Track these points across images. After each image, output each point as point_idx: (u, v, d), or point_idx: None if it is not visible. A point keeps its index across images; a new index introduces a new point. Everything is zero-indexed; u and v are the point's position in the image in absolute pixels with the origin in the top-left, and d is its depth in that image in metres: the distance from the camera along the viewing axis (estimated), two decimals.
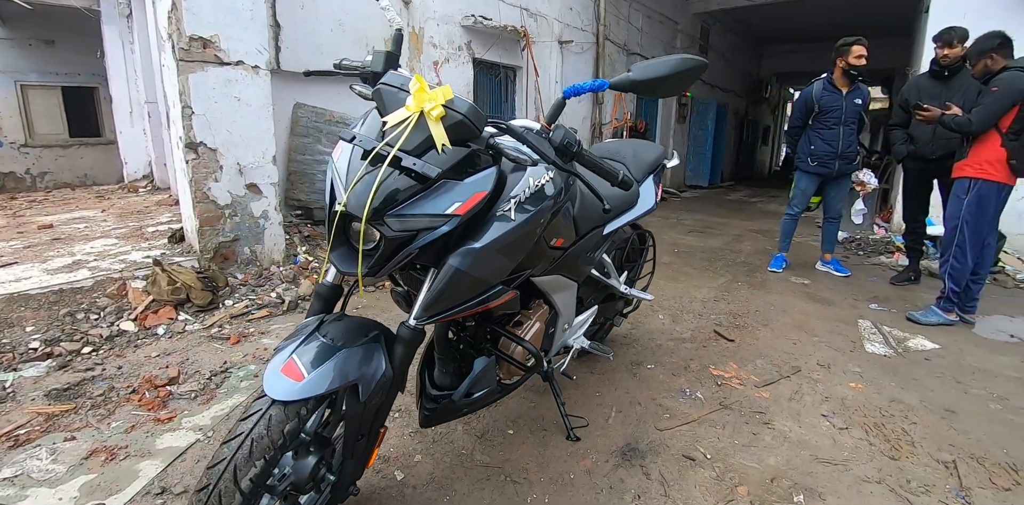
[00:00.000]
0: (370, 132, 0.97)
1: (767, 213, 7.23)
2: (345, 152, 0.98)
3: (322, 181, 3.79)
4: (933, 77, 3.04)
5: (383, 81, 1.00)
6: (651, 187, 1.93)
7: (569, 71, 5.65)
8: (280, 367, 0.88)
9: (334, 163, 0.99)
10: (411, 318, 1.02)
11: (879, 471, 1.60)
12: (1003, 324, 2.91)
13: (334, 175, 0.97)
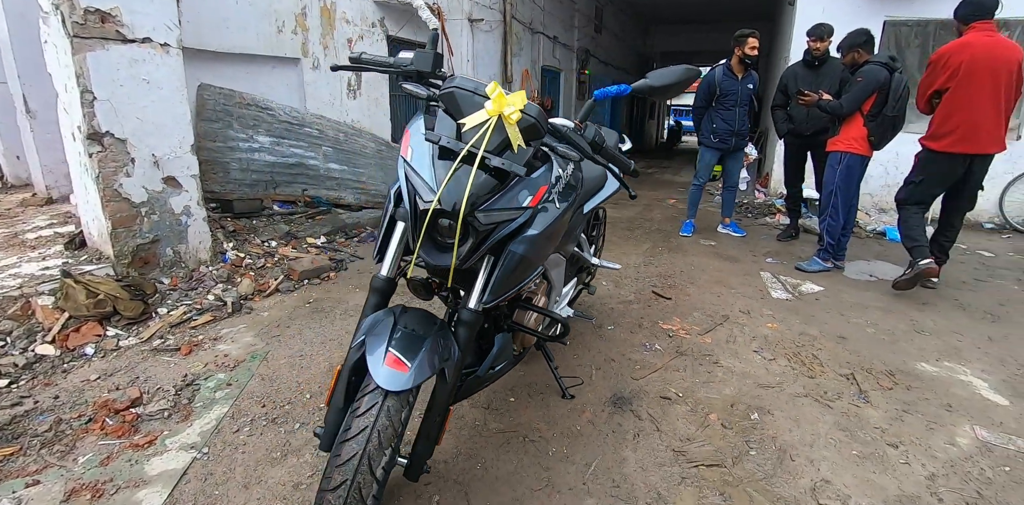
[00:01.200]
0: (447, 132, 1.03)
1: (666, 182, 8.04)
2: (421, 151, 1.03)
3: (238, 169, 3.50)
4: (806, 66, 3.66)
5: (456, 85, 1.05)
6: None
7: (480, 49, 5.68)
8: (383, 361, 0.92)
9: (409, 162, 1.03)
10: (473, 302, 1.10)
11: (804, 388, 2.05)
12: (863, 267, 3.70)
13: (412, 174, 1.01)
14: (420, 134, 1.05)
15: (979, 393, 2.07)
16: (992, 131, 2.82)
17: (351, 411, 0.93)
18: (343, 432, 0.91)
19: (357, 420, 0.90)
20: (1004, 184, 5.07)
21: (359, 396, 0.94)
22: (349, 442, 0.89)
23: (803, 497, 1.46)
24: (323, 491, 0.89)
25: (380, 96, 4.52)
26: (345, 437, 0.89)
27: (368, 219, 4.24)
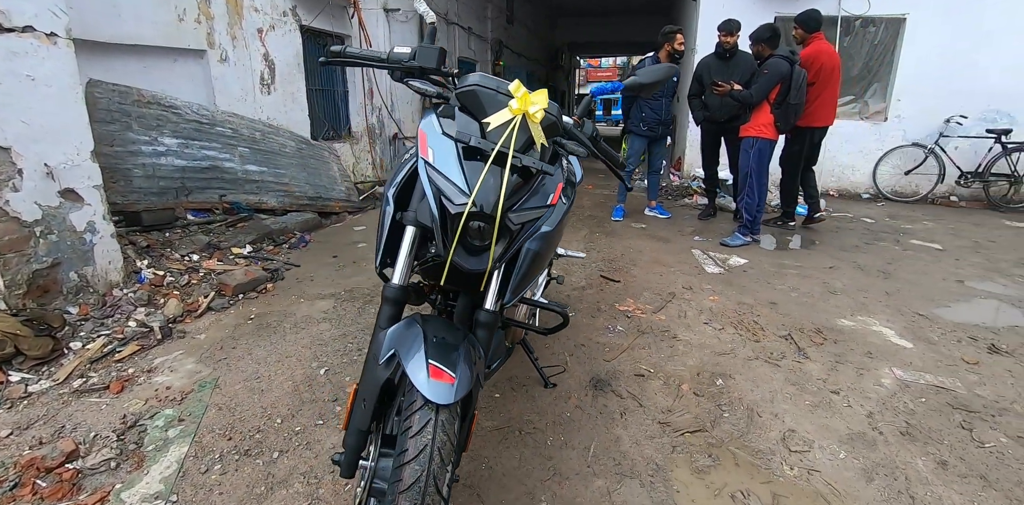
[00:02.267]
0: (469, 131, 1.00)
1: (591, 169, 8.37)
2: (444, 151, 0.99)
3: (142, 177, 3.12)
4: (718, 58, 3.99)
5: (478, 83, 1.02)
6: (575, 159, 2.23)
7: (397, 40, 5.49)
8: (427, 374, 0.87)
9: (432, 164, 0.98)
10: (490, 303, 1.08)
11: (753, 351, 2.29)
12: (777, 238, 4.16)
13: (436, 176, 0.97)
14: (438, 134, 1.01)
15: (890, 340, 2.44)
16: (832, 111, 3.95)
17: (403, 432, 0.87)
18: (399, 456, 0.85)
19: (413, 441, 0.85)
20: (875, 159, 5.92)
21: (407, 415, 0.87)
22: (410, 465, 0.83)
23: (776, 448, 1.65)
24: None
25: (296, 91, 4.23)
26: (403, 460, 0.84)
27: (296, 223, 3.98)
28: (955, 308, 2.88)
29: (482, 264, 0.99)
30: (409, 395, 0.89)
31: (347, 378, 1.99)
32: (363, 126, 5.35)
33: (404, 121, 6.07)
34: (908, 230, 4.67)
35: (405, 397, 0.91)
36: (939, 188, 5.81)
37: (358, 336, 2.34)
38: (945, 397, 1.98)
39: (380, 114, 5.55)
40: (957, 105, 5.51)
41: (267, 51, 3.80)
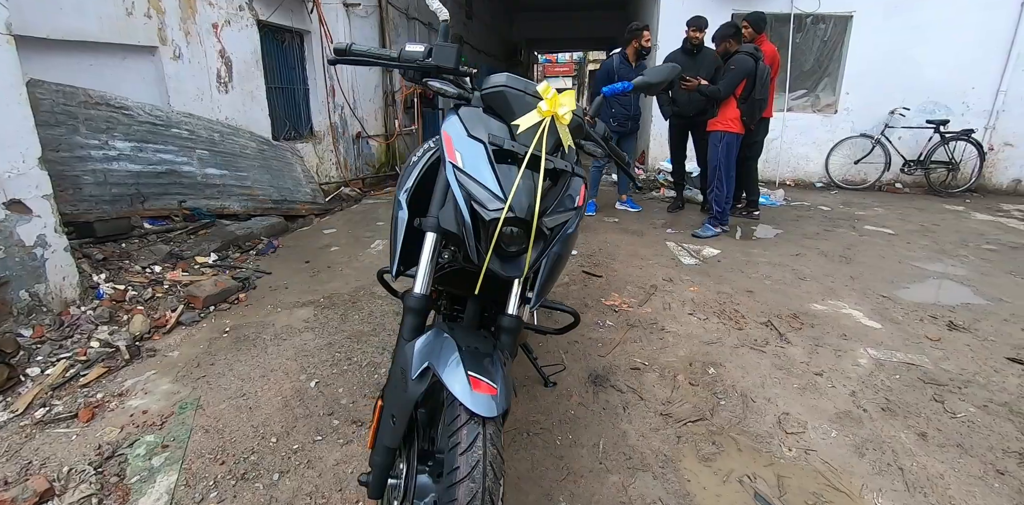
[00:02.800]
0: (496, 133, 0.97)
1: None
2: (474, 155, 0.95)
3: (93, 184, 2.92)
4: (685, 53, 4.09)
5: (506, 84, 1.00)
6: None
7: (357, 37, 5.33)
8: (470, 388, 0.84)
9: (462, 168, 0.94)
10: (513, 308, 1.05)
11: (738, 339, 2.37)
12: (744, 229, 4.32)
13: (468, 181, 0.93)
14: (464, 137, 0.98)
15: (860, 322, 2.58)
16: (771, 105, 4.17)
17: (451, 449, 0.83)
18: (450, 474, 0.81)
19: (464, 457, 0.82)
20: (827, 150, 6.24)
21: (452, 430, 0.84)
22: (464, 482, 0.80)
23: (774, 431, 1.72)
24: None
25: (255, 89, 4.04)
26: (455, 478, 0.80)
27: (262, 228, 3.82)
28: (913, 289, 3.09)
29: (517, 270, 0.96)
30: (450, 409, 0.86)
31: (339, 389, 1.92)
32: (325, 125, 5.18)
33: (367, 119, 5.92)
34: (861, 216, 4.96)
35: (445, 412, 0.87)
36: (886, 176, 6.20)
37: (345, 345, 2.27)
38: (916, 373, 2.12)
39: (343, 112, 5.39)
40: (900, 98, 5.89)
41: (223, 47, 3.60)
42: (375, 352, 2.20)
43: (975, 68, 5.74)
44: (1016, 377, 2.11)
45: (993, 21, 5.60)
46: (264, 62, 4.06)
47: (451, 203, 1.00)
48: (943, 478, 1.53)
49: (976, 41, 5.68)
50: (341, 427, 1.71)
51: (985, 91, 5.80)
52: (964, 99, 5.85)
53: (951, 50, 5.71)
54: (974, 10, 5.60)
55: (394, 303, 2.69)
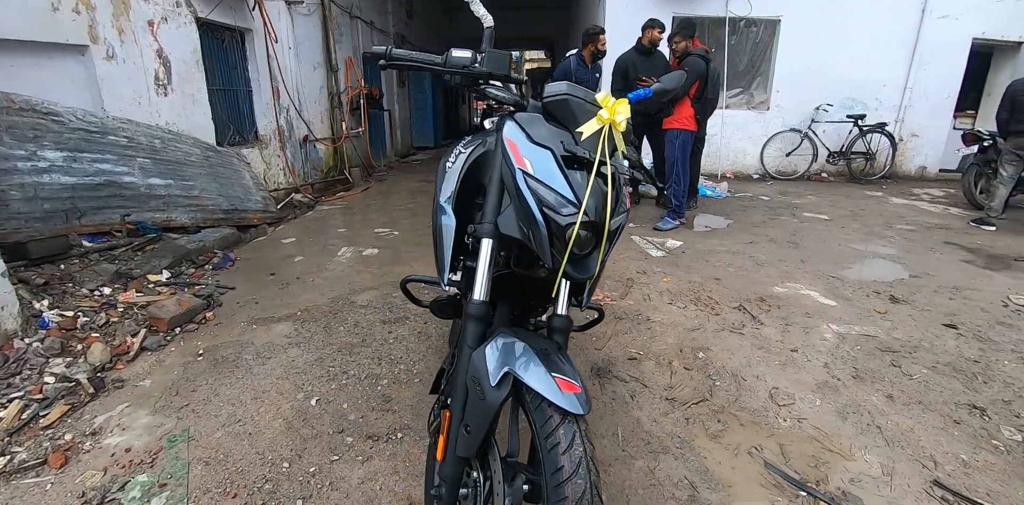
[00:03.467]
0: (561, 140, 1.00)
1: None
2: (543, 161, 0.97)
3: (21, 199, 2.66)
4: (640, 53, 4.28)
5: (569, 93, 1.02)
6: None
7: (301, 35, 5.13)
8: (559, 389, 0.86)
9: (533, 175, 0.96)
10: (562, 308, 1.08)
11: (718, 324, 2.54)
12: (699, 220, 4.59)
13: (540, 187, 0.95)
14: (528, 143, 1.00)
15: (818, 301, 2.84)
16: None
17: (551, 449, 0.84)
18: (555, 473, 0.82)
19: (566, 456, 0.83)
20: (761, 144, 6.74)
21: (547, 432, 0.85)
22: (572, 480, 0.82)
23: (768, 405, 1.87)
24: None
25: (197, 91, 3.79)
26: (561, 478, 0.82)
27: (214, 240, 3.60)
28: (855, 268, 3.43)
29: (587, 271, 0.99)
30: (539, 412, 0.87)
31: (344, 405, 1.87)
32: (271, 129, 4.94)
33: (314, 122, 5.71)
34: (798, 204, 5.42)
35: (534, 415, 0.88)
36: (813, 166, 6.79)
37: (337, 358, 2.20)
38: (873, 343, 2.37)
39: (288, 115, 5.16)
40: (824, 95, 6.48)
41: (161, 46, 3.35)
42: (371, 364, 2.15)
43: (885, 68, 6.44)
44: (953, 340, 2.41)
45: (899, 26, 6.32)
46: (205, 63, 3.81)
47: (510, 209, 1.02)
48: (913, 432, 1.74)
49: (886, 44, 6.37)
50: (356, 444, 1.67)
51: (894, 88, 6.52)
52: (877, 95, 6.53)
53: (865, 52, 6.36)
54: (884, 17, 6.28)
55: (379, 312, 2.64)
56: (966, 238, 4.24)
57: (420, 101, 10.30)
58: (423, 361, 2.17)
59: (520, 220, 0.99)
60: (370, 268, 3.33)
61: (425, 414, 1.80)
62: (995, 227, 4.49)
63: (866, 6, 6.20)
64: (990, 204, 4.59)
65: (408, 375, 2.07)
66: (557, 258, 0.94)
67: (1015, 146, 4.35)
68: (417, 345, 2.30)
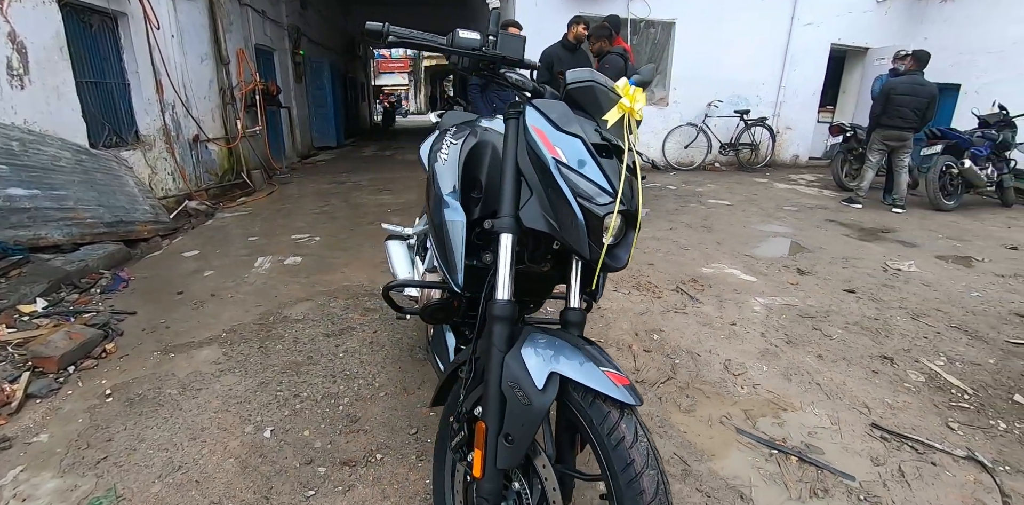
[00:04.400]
0: (585, 128, 0.96)
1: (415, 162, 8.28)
2: (575, 150, 0.93)
3: None
4: (565, 48, 4.39)
5: (593, 80, 0.99)
6: None
7: (186, 23, 4.56)
8: (613, 383, 0.84)
9: (567, 164, 0.92)
10: (575, 302, 1.05)
11: (662, 306, 2.70)
12: None
13: (575, 176, 0.91)
14: (555, 131, 0.95)
15: (741, 278, 3.14)
16: None
17: (616, 445, 0.82)
18: (626, 469, 0.80)
19: (634, 449, 0.81)
20: (663, 137, 7.27)
21: (609, 428, 0.83)
22: (646, 473, 0.80)
23: (726, 375, 2.04)
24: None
25: (62, 84, 3.22)
26: (634, 473, 0.80)
27: (97, 259, 3.11)
28: (763, 247, 3.84)
29: (619, 261, 0.96)
30: (595, 409, 0.84)
31: (305, 432, 1.69)
32: (155, 128, 4.37)
33: (204, 120, 5.14)
34: (701, 192, 5.93)
35: (589, 412, 0.85)
36: (708, 157, 7.47)
37: (283, 381, 1.99)
38: (795, 311, 2.67)
39: (175, 112, 4.60)
40: (714, 92, 7.15)
41: (13, 29, 2.79)
42: (324, 382, 1.98)
43: (764, 68, 7.27)
44: (854, 303, 2.80)
45: (774, 32, 7.16)
46: (70, 50, 3.25)
47: (533, 201, 0.97)
48: (845, 384, 1.99)
49: (764, 47, 7.20)
50: (331, 473, 1.51)
51: (771, 86, 7.38)
52: (758, 92, 7.35)
53: (747, 53, 7.12)
54: (761, 23, 7.07)
55: (319, 325, 2.45)
56: (841, 215, 4.94)
57: (320, 98, 9.72)
58: (383, 373, 2.04)
59: (546, 212, 0.95)
60: (297, 278, 3.08)
61: (400, 428, 1.70)
62: (862, 205, 5.27)
63: (747, 12, 6.94)
64: (859, 185, 5.37)
65: (370, 389, 1.94)
66: (595, 249, 0.92)
67: (883, 137, 5.12)
68: (372, 356, 2.17)
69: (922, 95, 4.83)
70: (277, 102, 7.18)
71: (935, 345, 2.33)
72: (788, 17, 7.04)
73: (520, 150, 1.00)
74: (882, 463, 1.56)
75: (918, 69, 4.95)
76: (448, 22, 12.48)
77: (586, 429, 0.86)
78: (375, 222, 4.36)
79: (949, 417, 1.81)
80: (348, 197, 5.49)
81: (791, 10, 6.99)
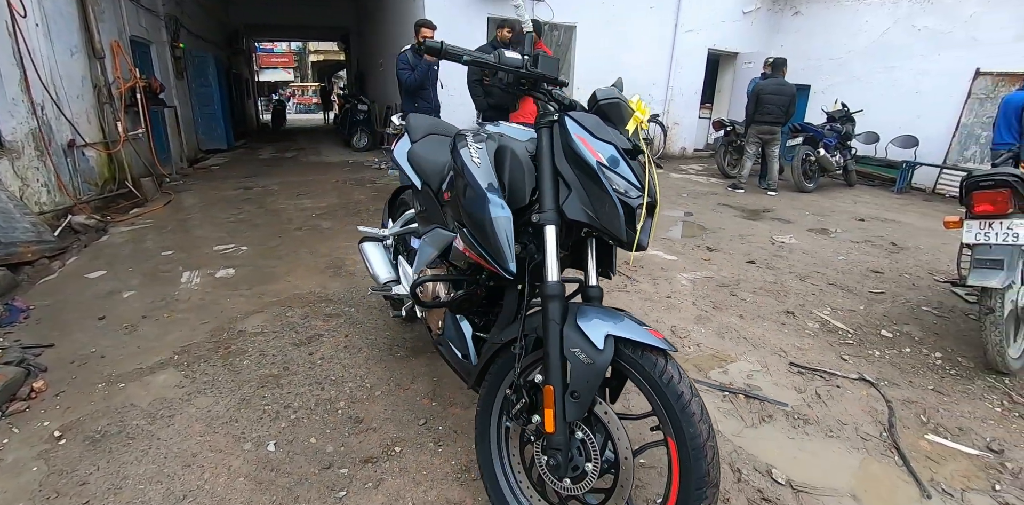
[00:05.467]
0: (613, 136, 1.15)
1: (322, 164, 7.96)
2: (612, 154, 1.11)
3: None
4: (495, 49, 4.54)
5: (619, 97, 1.18)
6: None
7: (52, 11, 3.99)
8: (653, 335, 1.04)
9: (607, 164, 1.10)
10: (594, 279, 1.23)
11: (606, 287, 3.03)
12: None
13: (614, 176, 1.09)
14: (593, 139, 1.13)
15: (664, 258, 3.58)
16: None
17: (668, 383, 1.00)
18: (679, 400, 0.98)
19: (681, 384, 1.01)
20: None
21: (661, 371, 1.01)
22: (695, 399, 1.00)
23: (674, 339, 2.38)
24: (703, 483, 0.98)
25: None
26: (686, 401, 1.00)
27: None
28: (675, 230, 4.37)
29: (644, 243, 1.14)
30: (647, 358, 1.03)
31: (311, 440, 1.67)
32: (23, 132, 3.82)
33: (80, 122, 4.57)
34: None
35: (641, 362, 1.04)
36: None
37: (265, 395, 1.91)
38: (714, 281, 3.14)
39: (45, 113, 4.04)
40: None
41: None
42: (312, 390, 1.95)
43: (655, 69, 8.05)
44: (756, 271, 3.34)
45: (662, 36, 7.95)
46: None
47: (575, 196, 1.14)
48: (764, 336, 2.44)
49: (655, 49, 7.98)
50: (355, 472, 1.54)
51: (661, 86, 8.21)
52: (651, 92, 8.13)
53: (641, 55, 7.84)
54: (651, 28, 7.84)
55: (282, 335, 2.37)
56: (730, 199, 5.71)
57: (205, 95, 8.90)
58: (370, 374, 2.06)
59: (585, 205, 1.13)
60: (238, 291, 2.93)
61: (409, 421, 1.78)
62: (744, 190, 6.13)
63: (638, 19, 7.66)
64: (740, 173, 6.23)
65: (364, 391, 1.95)
66: (630, 234, 1.11)
67: (757, 132, 5.99)
68: (352, 360, 2.17)
69: (785, 94, 5.76)
70: (161, 101, 6.52)
71: (821, 299, 2.91)
72: (672, 24, 7.88)
73: (557, 153, 1.17)
74: (803, 391, 1.98)
75: (778, 73, 5.88)
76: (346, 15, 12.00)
77: (638, 375, 1.06)
78: (303, 227, 4.23)
79: (841, 351, 2.31)
80: (263, 203, 5.19)
81: (675, 18, 7.84)
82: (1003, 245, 1.86)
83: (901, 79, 6.96)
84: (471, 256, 1.33)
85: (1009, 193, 1.83)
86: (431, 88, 4.45)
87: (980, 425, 1.82)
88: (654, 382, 1.03)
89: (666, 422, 1.03)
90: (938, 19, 6.57)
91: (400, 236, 2.16)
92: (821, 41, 7.88)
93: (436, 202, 1.66)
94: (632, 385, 1.10)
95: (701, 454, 0.99)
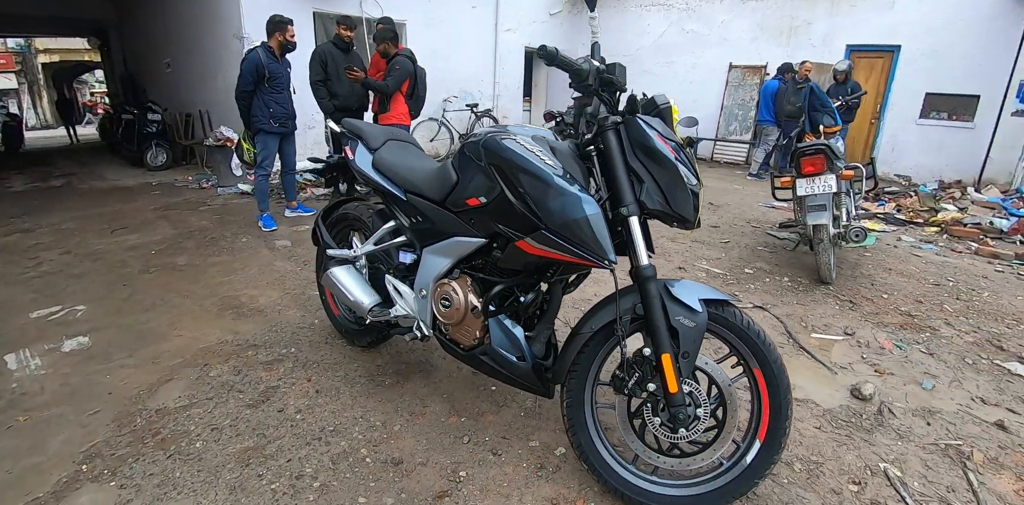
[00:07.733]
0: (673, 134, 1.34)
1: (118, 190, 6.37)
2: (677, 149, 1.32)
3: None
4: (337, 48, 4.30)
5: (670, 103, 1.39)
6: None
7: None
8: (722, 292, 1.33)
9: (669, 156, 1.29)
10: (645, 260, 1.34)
11: None
12: None
13: (683, 167, 1.29)
14: (661, 137, 1.31)
15: None
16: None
17: (749, 326, 1.30)
18: (763, 339, 1.31)
19: (759, 328, 1.32)
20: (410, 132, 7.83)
21: (741, 319, 1.31)
22: (769, 338, 1.31)
23: None
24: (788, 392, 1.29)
25: None
26: (767, 342, 1.30)
27: None
28: None
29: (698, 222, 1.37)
30: (728, 312, 1.32)
31: (360, 500, 1.52)
32: None
33: None
34: None
35: (724, 315, 1.32)
36: (452, 148, 8.43)
37: (261, 471, 1.63)
38: None
39: None
40: (447, 88, 8.04)
41: None
42: (315, 447, 1.72)
43: (482, 66, 8.54)
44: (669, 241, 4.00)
45: (485, 34, 8.44)
46: None
47: (649, 188, 1.32)
48: None
49: (480, 47, 8.44)
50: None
51: (488, 82, 8.75)
52: (480, 88, 8.61)
53: (468, 53, 8.23)
54: (475, 28, 8.23)
55: (228, 400, 1.99)
56: None
57: None
58: (370, 412, 1.89)
59: (656, 195, 1.31)
60: (115, 361, 2.28)
61: (450, 445, 1.75)
62: None
63: (463, 18, 8.00)
64: None
65: (377, 430, 1.80)
66: (696, 216, 1.33)
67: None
68: (337, 402, 1.96)
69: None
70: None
71: (695, 253, 3.65)
72: (493, 24, 8.45)
73: (628, 151, 1.35)
74: None
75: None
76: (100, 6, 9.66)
77: (722, 326, 1.34)
78: (150, 269, 3.42)
79: (731, 290, 3.00)
80: (66, 247, 4.03)
81: (495, 18, 8.43)
82: (824, 194, 2.70)
83: (679, 71, 8.71)
84: (549, 255, 1.38)
85: (823, 157, 2.66)
86: (285, 92, 4.12)
87: (833, 320, 2.62)
88: (737, 328, 1.33)
89: (750, 356, 1.35)
90: (700, 24, 8.42)
91: (380, 253, 2.00)
92: (616, 39, 9.32)
93: (444, 210, 1.63)
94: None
95: (783, 372, 1.34)
